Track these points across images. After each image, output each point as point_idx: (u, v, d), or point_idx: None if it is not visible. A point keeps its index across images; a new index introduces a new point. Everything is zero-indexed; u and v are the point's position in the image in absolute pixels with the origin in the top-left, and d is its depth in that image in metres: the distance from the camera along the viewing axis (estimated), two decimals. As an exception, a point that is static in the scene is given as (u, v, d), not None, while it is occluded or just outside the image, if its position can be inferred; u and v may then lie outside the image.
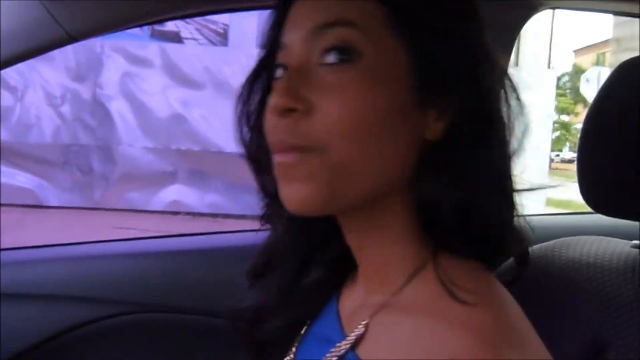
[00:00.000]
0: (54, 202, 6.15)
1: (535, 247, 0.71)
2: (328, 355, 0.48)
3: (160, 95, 6.06)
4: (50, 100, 5.93)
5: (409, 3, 0.46)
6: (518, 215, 0.49)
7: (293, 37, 0.48)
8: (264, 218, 0.58)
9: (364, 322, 0.48)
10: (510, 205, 0.48)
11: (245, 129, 0.54)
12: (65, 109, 6.00)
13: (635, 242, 0.73)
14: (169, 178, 6.28)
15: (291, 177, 0.46)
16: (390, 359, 0.43)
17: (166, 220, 6.09)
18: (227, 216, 6.29)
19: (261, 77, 0.54)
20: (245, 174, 0.55)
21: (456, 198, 0.45)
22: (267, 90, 0.51)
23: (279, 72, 0.49)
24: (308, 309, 0.57)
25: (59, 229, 5.11)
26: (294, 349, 0.56)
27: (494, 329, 0.40)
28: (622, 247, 0.71)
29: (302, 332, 0.58)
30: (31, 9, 0.71)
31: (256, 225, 0.59)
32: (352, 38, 0.45)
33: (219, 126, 6.15)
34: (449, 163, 0.46)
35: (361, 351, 0.47)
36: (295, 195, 0.46)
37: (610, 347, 0.59)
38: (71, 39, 0.74)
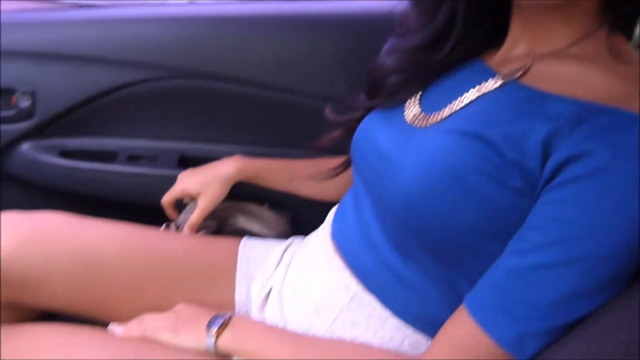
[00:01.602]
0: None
1: None
2: (484, 83, 0.57)
3: None
4: None
5: None
6: None
7: None
8: None
9: (529, 63, 0.56)
10: None
11: None
12: None
13: None
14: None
15: None
16: (555, 90, 0.52)
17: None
18: None
19: None
20: None
21: None
22: None
23: None
24: (444, 70, 0.64)
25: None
26: (420, 92, 0.64)
27: None
28: None
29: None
30: None
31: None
32: None
33: None
34: None
35: (524, 82, 0.55)
36: None
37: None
38: None
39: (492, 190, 0.53)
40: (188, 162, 1.19)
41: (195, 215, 1.01)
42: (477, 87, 0.59)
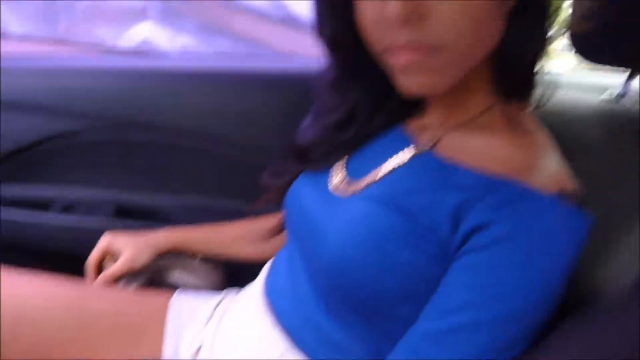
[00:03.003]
0: (17, 31, 5.82)
1: None
2: (401, 153, 0.62)
3: None
4: None
5: None
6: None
7: None
8: (329, 83, 0.69)
9: (440, 134, 0.62)
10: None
11: (329, 16, 0.62)
12: None
13: (603, 97, 0.79)
14: (139, 15, 5.95)
15: (413, 72, 0.55)
16: (464, 160, 0.58)
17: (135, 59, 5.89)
18: (199, 60, 6.13)
19: None
20: (220, 15, 0.56)
21: (525, 56, 0.59)
22: None
23: None
24: (365, 139, 0.69)
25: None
26: (344, 160, 0.70)
27: (544, 149, 0.59)
28: (593, 100, 0.76)
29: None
30: None
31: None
32: None
33: (193, -38, 5.79)
34: (521, 27, 0.57)
35: (436, 152, 0.61)
36: (420, 85, 0.56)
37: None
38: None
39: (409, 256, 0.56)
40: (124, 212, 1.19)
41: (114, 267, 0.99)
42: (394, 157, 0.63)
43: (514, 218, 0.52)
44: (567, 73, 1.01)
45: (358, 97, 0.69)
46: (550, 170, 0.57)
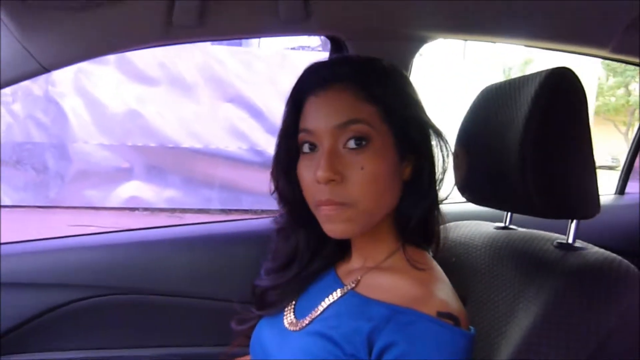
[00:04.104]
0: (7, 202, 6.08)
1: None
2: (334, 293, 0.78)
3: (114, 91, 6.03)
4: (0, 98, 5.83)
5: (391, 104, 0.74)
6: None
7: (321, 128, 0.74)
8: (280, 230, 0.88)
9: (360, 276, 0.78)
10: (439, 214, 0.81)
11: (282, 179, 0.82)
12: (17, 106, 5.90)
13: (498, 224, 0.96)
14: (125, 174, 6.28)
15: (334, 220, 0.74)
16: (375, 297, 0.72)
17: (124, 216, 6.11)
18: (185, 210, 6.38)
19: (287, 143, 0.80)
20: (202, 168, 0.77)
21: (417, 213, 0.77)
22: (295, 153, 0.78)
23: (306, 147, 0.76)
24: (308, 282, 0.86)
25: (14, 228, 5.08)
26: (293, 302, 0.84)
27: (434, 282, 0.73)
28: (487, 228, 0.93)
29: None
30: (8, 45, 0.83)
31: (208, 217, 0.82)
32: (365, 130, 0.72)
33: (174, 121, 6.20)
34: (414, 192, 0.77)
35: (357, 290, 0.77)
36: (338, 230, 0.74)
37: (467, 302, 0.81)
38: (45, 69, 0.87)
39: None
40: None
41: None
42: (329, 297, 0.80)
43: (408, 339, 0.65)
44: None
45: (300, 241, 0.85)
46: (439, 298, 0.70)
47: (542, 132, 0.72)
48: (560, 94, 0.73)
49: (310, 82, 0.78)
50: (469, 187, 0.87)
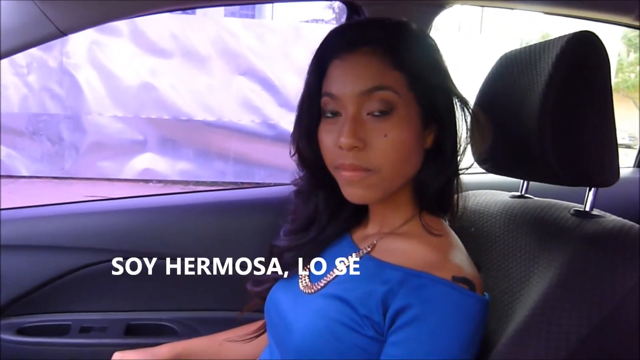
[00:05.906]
0: (23, 172, 6.16)
1: None
2: (349, 257, 0.79)
3: (128, 63, 6.04)
4: (16, 70, 5.84)
5: (419, 71, 0.72)
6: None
7: (345, 93, 0.72)
8: (298, 193, 0.89)
9: (375, 240, 0.79)
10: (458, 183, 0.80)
11: (302, 142, 0.81)
12: (32, 78, 5.93)
13: (514, 193, 0.95)
14: (139, 147, 6.32)
15: (356, 185, 0.74)
16: (390, 261, 0.74)
17: (138, 188, 6.19)
18: (198, 183, 6.44)
19: (310, 106, 0.78)
20: (215, 141, 0.76)
21: (437, 181, 0.77)
22: (317, 116, 0.77)
23: (328, 113, 0.75)
24: (324, 246, 0.87)
25: (29, 198, 5.16)
26: (308, 266, 0.85)
27: (449, 248, 0.73)
28: (503, 197, 0.93)
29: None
30: (26, 9, 0.83)
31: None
32: (390, 97, 0.71)
33: (188, 94, 6.20)
34: (436, 161, 0.76)
35: (372, 254, 0.78)
36: (359, 195, 0.74)
37: (482, 269, 0.81)
38: (61, 33, 0.86)
39: (353, 339, 0.71)
40: (133, 330, 1.33)
41: None
42: (344, 260, 0.81)
43: (423, 302, 0.66)
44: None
45: (319, 203, 0.86)
46: (454, 263, 0.70)
47: (562, 97, 0.71)
48: (583, 58, 0.71)
49: (336, 45, 0.76)
50: (486, 156, 0.87)
